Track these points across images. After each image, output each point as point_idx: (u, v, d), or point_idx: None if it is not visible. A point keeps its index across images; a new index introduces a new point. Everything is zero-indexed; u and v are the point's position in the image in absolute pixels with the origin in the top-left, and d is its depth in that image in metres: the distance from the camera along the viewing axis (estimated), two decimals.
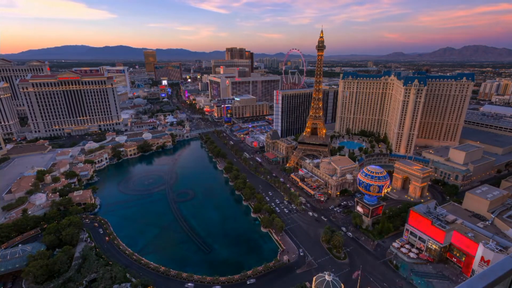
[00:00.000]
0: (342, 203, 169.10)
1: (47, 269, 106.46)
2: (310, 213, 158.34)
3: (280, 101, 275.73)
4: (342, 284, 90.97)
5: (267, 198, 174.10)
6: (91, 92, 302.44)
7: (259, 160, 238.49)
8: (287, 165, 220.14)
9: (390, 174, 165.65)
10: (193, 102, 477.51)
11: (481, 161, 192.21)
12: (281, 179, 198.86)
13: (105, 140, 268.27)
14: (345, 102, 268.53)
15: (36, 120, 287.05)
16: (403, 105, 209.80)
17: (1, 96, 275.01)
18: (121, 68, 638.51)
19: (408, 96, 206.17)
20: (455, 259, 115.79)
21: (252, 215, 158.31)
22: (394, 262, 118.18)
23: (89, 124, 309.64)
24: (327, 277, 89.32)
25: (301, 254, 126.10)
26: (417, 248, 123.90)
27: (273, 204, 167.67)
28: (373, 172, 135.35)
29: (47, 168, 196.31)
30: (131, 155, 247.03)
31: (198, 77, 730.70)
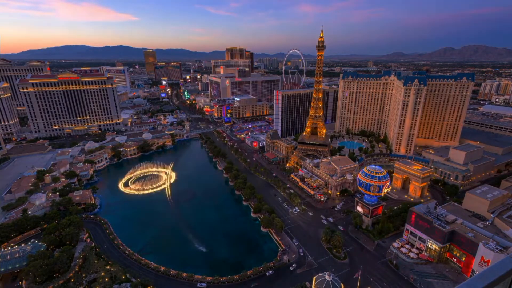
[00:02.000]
0: (342, 203, 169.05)
1: (47, 269, 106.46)
2: (310, 213, 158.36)
3: (280, 101, 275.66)
4: (342, 284, 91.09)
5: (267, 198, 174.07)
6: (91, 92, 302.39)
7: (259, 160, 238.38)
8: (287, 165, 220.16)
9: (390, 174, 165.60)
10: (193, 102, 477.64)
11: (481, 161, 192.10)
12: (281, 179, 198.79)
13: (105, 140, 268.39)
14: (345, 102, 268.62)
15: (36, 120, 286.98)
16: (403, 105, 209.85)
17: (1, 96, 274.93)
18: (121, 68, 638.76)
19: (408, 96, 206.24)
20: (455, 259, 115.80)
21: (252, 215, 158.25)
22: (394, 262, 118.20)
23: (89, 124, 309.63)
24: (327, 277, 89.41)
25: (301, 254, 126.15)
26: (417, 248, 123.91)
27: (273, 204, 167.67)
28: (373, 172, 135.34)
29: (47, 168, 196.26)
30: (131, 155, 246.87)
31: (198, 77, 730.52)
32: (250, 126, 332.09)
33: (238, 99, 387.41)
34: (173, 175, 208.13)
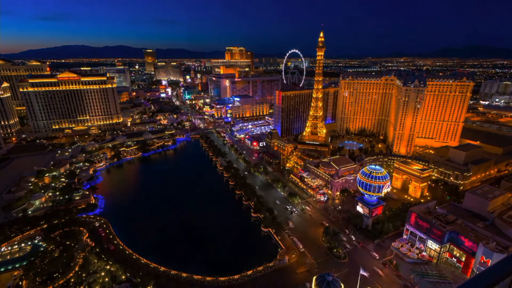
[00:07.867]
0: (342, 203, 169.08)
1: (47, 269, 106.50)
2: (310, 213, 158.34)
3: (280, 101, 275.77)
4: (342, 284, 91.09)
5: (267, 198, 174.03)
6: (91, 92, 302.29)
7: (259, 160, 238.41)
8: (287, 165, 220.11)
9: (390, 174, 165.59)
10: (193, 102, 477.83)
11: (481, 161, 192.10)
12: (281, 179, 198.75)
13: (105, 140, 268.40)
14: (345, 102, 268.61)
15: (36, 120, 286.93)
16: (403, 105, 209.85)
17: (1, 96, 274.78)
18: (121, 67, 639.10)
19: (408, 96, 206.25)
20: (455, 259, 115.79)
21: (252, 215, 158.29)
22: (394, 262, 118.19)
23: (89, 124, 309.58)
24: (327, 277, 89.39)
25: (301, 254, 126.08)
26: (417, 248, 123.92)
27: (273, 204, 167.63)
28: (373, 172, 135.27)
29: (47, 168, 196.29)
30: (131, 155, 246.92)
31: (199, 77, 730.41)
32: (250, 126, 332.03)
33: (238, 99, 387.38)
34: None
